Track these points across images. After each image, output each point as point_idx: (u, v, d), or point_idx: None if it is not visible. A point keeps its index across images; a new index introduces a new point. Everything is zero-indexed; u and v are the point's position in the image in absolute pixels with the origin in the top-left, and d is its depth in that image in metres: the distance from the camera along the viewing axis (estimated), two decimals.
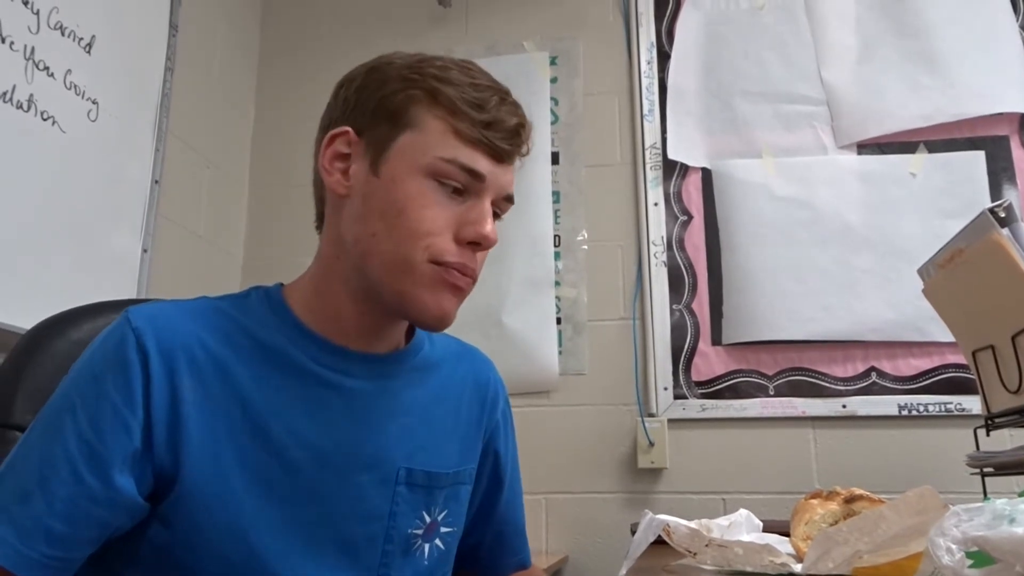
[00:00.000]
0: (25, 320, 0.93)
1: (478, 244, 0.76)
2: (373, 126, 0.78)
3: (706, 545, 0.75)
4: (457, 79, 0.77)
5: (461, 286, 0.76)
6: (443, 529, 0.85)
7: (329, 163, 0.79)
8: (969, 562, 0.44)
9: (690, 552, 0.77)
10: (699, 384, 2.07)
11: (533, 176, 2.26)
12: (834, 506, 0.84)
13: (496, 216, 0.80)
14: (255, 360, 0.75)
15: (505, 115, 0.78)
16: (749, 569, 0.72)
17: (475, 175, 0.76)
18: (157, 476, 0.70)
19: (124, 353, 0.70)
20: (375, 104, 0.78)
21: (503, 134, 0.77)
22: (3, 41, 1.46)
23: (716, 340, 2.08)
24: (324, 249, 0.82)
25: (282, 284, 0.83)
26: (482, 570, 0.98)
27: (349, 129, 0.79)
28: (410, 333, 0.88)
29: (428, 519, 0.83)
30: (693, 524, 0.79)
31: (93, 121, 1.70)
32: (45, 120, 1.56)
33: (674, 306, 2.12)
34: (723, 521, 0.91)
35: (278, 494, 0.74)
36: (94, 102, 1.71)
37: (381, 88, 0.78)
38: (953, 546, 0.44)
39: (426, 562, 0.83)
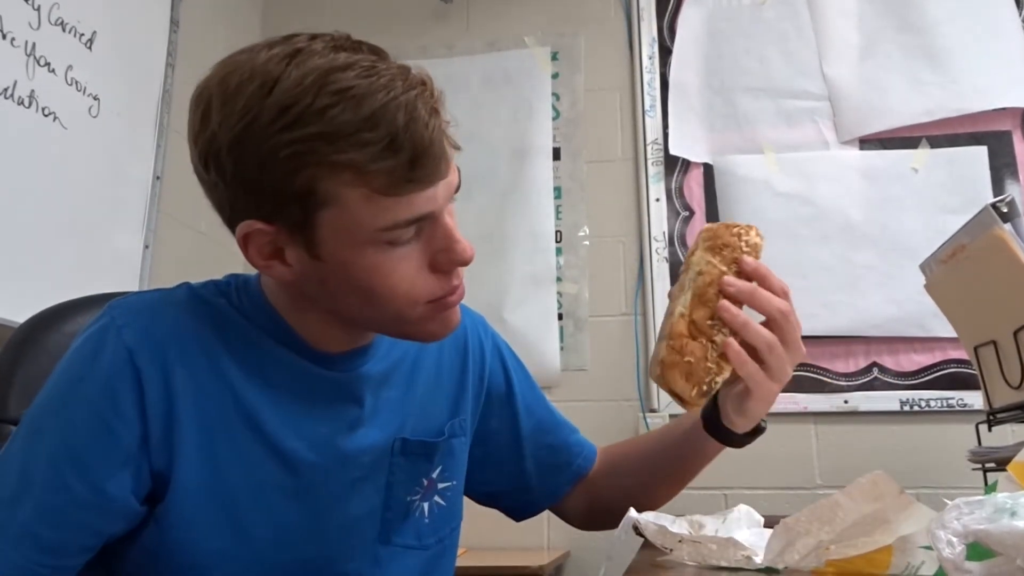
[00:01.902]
0: (27, 317, 0.92)
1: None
2: (281, 211, 0.65)
3: (679, 541, 0.76)
4: (347, 124, 0.61)
5: (456, 302, 0.73)
6: (440, 485, 0.84)
7: (259, 260, 0.69)
8: (969, 555, 0.44)
9: (666, 548, 0.77)
10: None
11: (534, 172, 2.26)
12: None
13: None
14: (240, 352, 0.72)
15: (420, 133, 0.63)
16: (724, 564, 0.74)
17: (423, 218, 0.67)
18: (155, 476, 0.68)
19: (108, 354, 0.67)
20: (270, 192, 0.64)
21: (431, 160, 0.64)
22: (4, 37, 1.46)
23: None
24: (291, 288, 0.73)
25: (259, 274, 0.76)
26: (542, 498, 0.96)
27: (259, 225, 0.67)
28: None
29: (426, 482, 0.82)
30: (667, 520, 0.79)
31: (94, 117, 1.70)
32: (46, 116, 1.56)
33: None
34: (718, 518, 0.90)
35: (275, 486, 0.73)
36: (95, 98, 1.71)
37: (263, 172, 0.64)
38: (954, 539, 0.44)
39: (427, 520, 0.83)
